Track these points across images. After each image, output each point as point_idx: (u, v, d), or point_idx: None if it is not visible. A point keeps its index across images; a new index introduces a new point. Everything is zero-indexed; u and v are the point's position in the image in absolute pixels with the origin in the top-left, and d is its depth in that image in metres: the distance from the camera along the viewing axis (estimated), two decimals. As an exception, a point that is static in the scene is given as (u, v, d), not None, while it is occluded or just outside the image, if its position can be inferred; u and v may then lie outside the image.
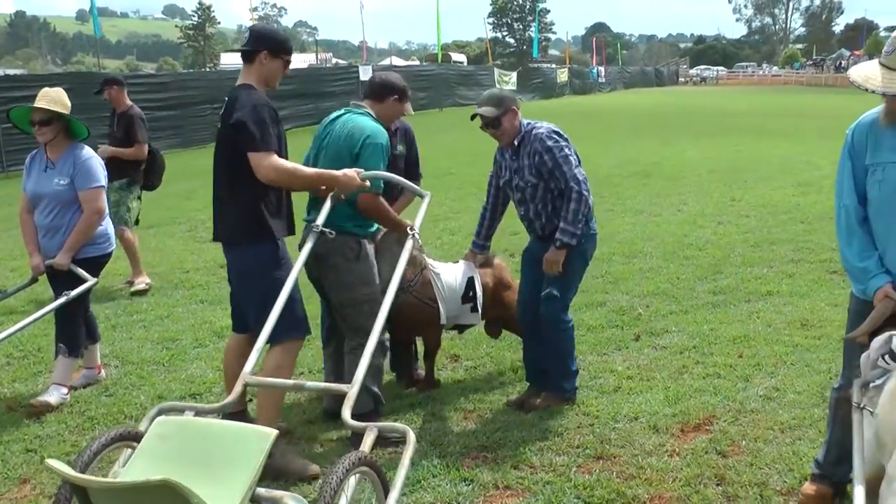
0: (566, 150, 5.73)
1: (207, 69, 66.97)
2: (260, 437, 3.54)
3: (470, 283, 6.31)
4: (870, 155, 4.23)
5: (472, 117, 5.92)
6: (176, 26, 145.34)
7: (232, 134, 4.99)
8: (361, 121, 5.58)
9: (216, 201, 5.28)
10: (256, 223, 5.06)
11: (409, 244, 5.16)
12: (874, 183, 4.22)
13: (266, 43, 5.16)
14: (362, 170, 5.32)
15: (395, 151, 6.27)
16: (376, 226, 5.66)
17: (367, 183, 5.33)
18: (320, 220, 5.14)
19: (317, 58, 73.73)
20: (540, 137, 5.74)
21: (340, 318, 5.71)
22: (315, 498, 3.34)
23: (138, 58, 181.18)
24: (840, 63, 70.81)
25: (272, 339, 4.81)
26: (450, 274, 6.29)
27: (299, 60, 64.86)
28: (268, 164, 4.94)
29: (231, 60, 51.64)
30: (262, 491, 3.41)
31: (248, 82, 5.16)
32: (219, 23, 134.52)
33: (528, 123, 5.89)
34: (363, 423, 3.94)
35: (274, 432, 3.60)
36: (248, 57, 5.18)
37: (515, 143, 5.86)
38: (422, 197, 5.63)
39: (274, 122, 5.03)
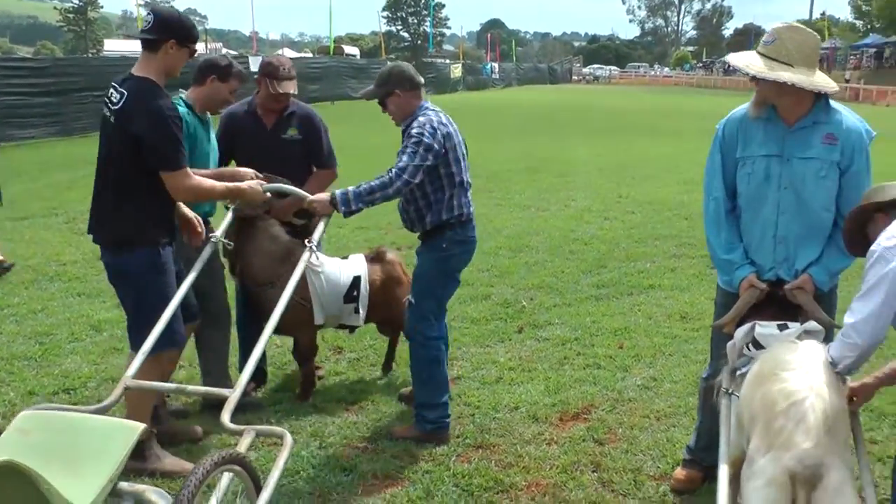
0: (421, 146, 5.13)
1: (90, 55, 64.52)
2: (126, 431, 3.46)
3: (355, 281, 6.03)
4: (740, 149, 4.39)
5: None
6: (55, 8, 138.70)
7: (131, 140, 4.64)
8: None
9: (97, 198, 4.92)
10: (140, 229, 4.79)
11: (305, 255, 5.02)
12: (744, 176, 4.38)
13: (174, 32, 4.73)
14: (264, 182, 5.27)
15: (285, 135, 6.10)
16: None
17: (269, 195, 5.29)
18: (220, 231, 5.10)
19: (206, 47, 72.45)
20: (415, 124, 5.26)
21: None
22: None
23: (12, 40, 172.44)
24: (728, 66, 72.80)
25: (138, 347, 4.65)
26: (334, 270, 6.00)
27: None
28: (186, 185, 4.73)
29: (115, 47, 49.90)
30: (124, 485, 3.33)
31: (148, 75, 4.73)
32: (101, 7, 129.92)
33: (424, 110, 5.39)
34: (241, 427, 3.92)
35: (141, 426, 3.52)
36: (152, 45, 4.73)
37: (402, 127, 5.45)
38: (303, 199, 5.38)
39: (180, 129, 4.75)
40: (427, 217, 5.38)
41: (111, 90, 4.81)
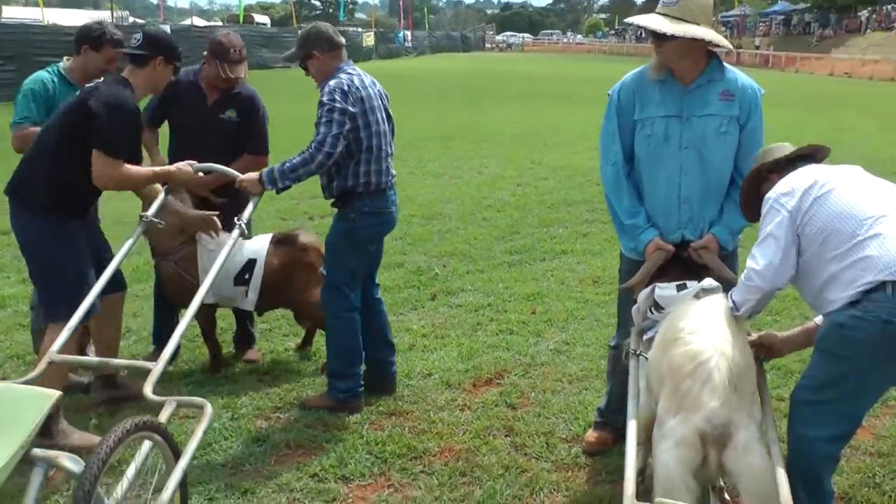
0: (335, 113, 5.08)
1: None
2: (39, 398, 3.44)
3: (249, 264, 5.83)
4: (638, 111, 4.43)
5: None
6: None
7: (84, 115, 4.74)
8: None
9: (30, 161, 4.98)
10: (60, 197, 4.86)
11: (235, 233, 5.03)
12: (643, 138, 4.43)
13: (162, 49, 5.01)
14: (195, 162, 5.24)
15: (223, 115, 5.96)
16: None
17: (201, 174, 5.28)
18: (151, 211, 5.14)
19: (112, 16, 70.95)
20: (325, 90, 5.19)
21: None
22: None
23: None
24: (641, 33, 73.01)
25: (51, 318, 4.85)
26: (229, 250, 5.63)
27: (93, 18, 61.92)
28: (110, 174, 4.79)
29: (14, 14, 47.99)
30: (37, 451, 3.28)
31: (130, 80, 4.95)
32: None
33: (339, 72, 5.29)
34: (162, 398, 3.95)
35: (56, 393, 3.50)
36: (140, 61, 4.98)
37: (320, 90, 5.35)
38: (234, 178, 5.34)
39: (134, 125, 4.90)
40: (334, 182, 5.31)
41: None
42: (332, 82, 5.20)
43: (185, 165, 5.18)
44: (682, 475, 3.28)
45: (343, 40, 5.45)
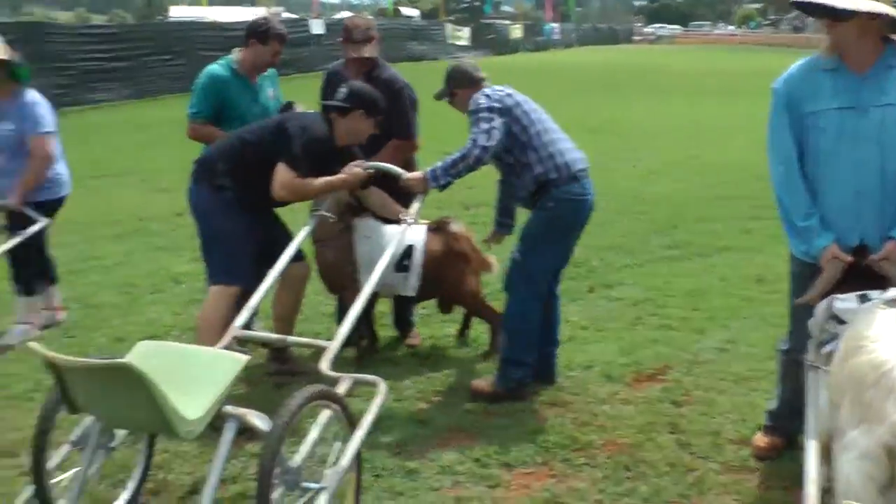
0: (482, 112, 5.23)
1: (158, 21, 65.34)
2: (233, 361, 3.79)
3: (407, 251, 5.80)
4: (809, 103, 4.13)
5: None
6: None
7: (281, 131, 5.28)
8: None
9: (222, 148, 5.51)
10: (237, 187, 5.34)
11: (402, 227, 5.25)
12: (818, 132, 4.12)
13: (364, 103, 5.34)
14: (364, 161, 5.44)
15: None
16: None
17: (371, 171, 5.46)
18: (324, 206, 5.43)
19: (267, 11, 73.05)
20: (471, 104, 5.35)
21: None
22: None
23: (89, 9, 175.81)
24: (799, 22, 69.75)
25: (213, 281, 5.44)
26: (386, 238, 5.67)
27: (249, 14, 63.64)
28: (288, 183, 5.20)
29: (179, 13, 50.29)
30: (229, 408, 3.57)
31: (333, 125, 5.35)
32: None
33: (483, 92, 5.42)
34: (338, 374, 4.15)
35: (246, 357, 3.83)
36: (343, 111, 5.32)
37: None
38: (398, 176, 5.41)
39: (314, 149, 5.23)
40: (526, 179, 5.37)
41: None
42: (483, 92, 5.40)
43: (355, 168, 5.35)
44: (865, 489, 3.02)
45: (484, 75, 5.64)
